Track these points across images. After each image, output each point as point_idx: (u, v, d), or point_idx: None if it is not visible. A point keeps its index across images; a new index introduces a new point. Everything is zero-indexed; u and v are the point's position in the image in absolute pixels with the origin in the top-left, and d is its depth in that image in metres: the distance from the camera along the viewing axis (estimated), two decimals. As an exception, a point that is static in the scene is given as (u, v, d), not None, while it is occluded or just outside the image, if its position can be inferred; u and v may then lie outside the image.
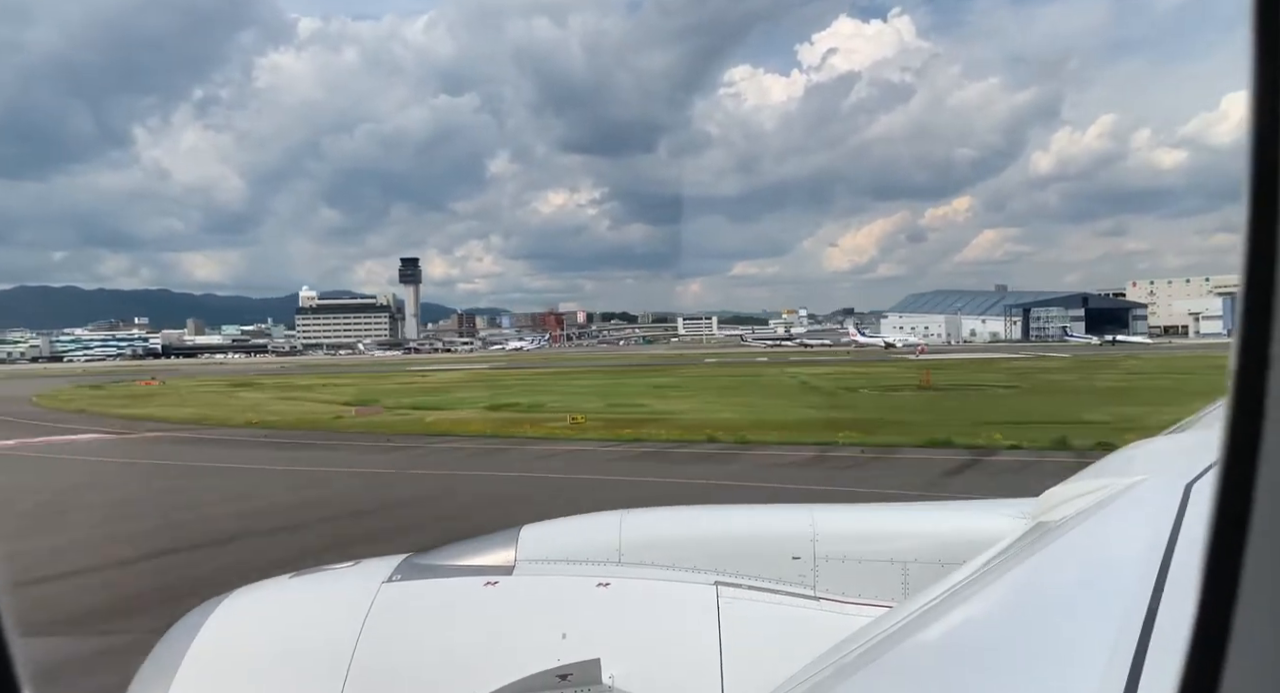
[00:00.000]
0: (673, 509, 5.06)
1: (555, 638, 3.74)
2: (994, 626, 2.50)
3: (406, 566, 4.43)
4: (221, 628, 4.06)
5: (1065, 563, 2.99)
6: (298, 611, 4.37)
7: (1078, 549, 3.08)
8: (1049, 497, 3.99)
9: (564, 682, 3.45)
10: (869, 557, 4.27)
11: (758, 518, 4.88)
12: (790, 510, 4.70)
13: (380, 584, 4.21)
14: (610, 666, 3.52)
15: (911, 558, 4.20)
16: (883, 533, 4.47)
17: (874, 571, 4.23)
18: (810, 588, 4.23)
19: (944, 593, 2.87)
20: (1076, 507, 3.56)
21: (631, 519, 4.64)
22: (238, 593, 4.40)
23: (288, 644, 4.05)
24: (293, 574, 4.74)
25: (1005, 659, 2.08)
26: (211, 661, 3.88)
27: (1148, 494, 3.29)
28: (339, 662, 3.74)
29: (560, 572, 4.35)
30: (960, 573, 3.16)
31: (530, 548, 4.49)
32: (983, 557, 3.32)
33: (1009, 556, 3.16)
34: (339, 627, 3.93)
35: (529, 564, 4.39)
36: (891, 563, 4.22)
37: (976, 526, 4.18)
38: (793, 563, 4.28)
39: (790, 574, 4.27)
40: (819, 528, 4.38)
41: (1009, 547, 3.35)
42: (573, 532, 4.70)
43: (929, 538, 4.30)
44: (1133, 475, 3.66)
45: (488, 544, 4.59)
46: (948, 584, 2.99)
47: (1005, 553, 3.23)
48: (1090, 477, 3.98)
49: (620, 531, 4.50)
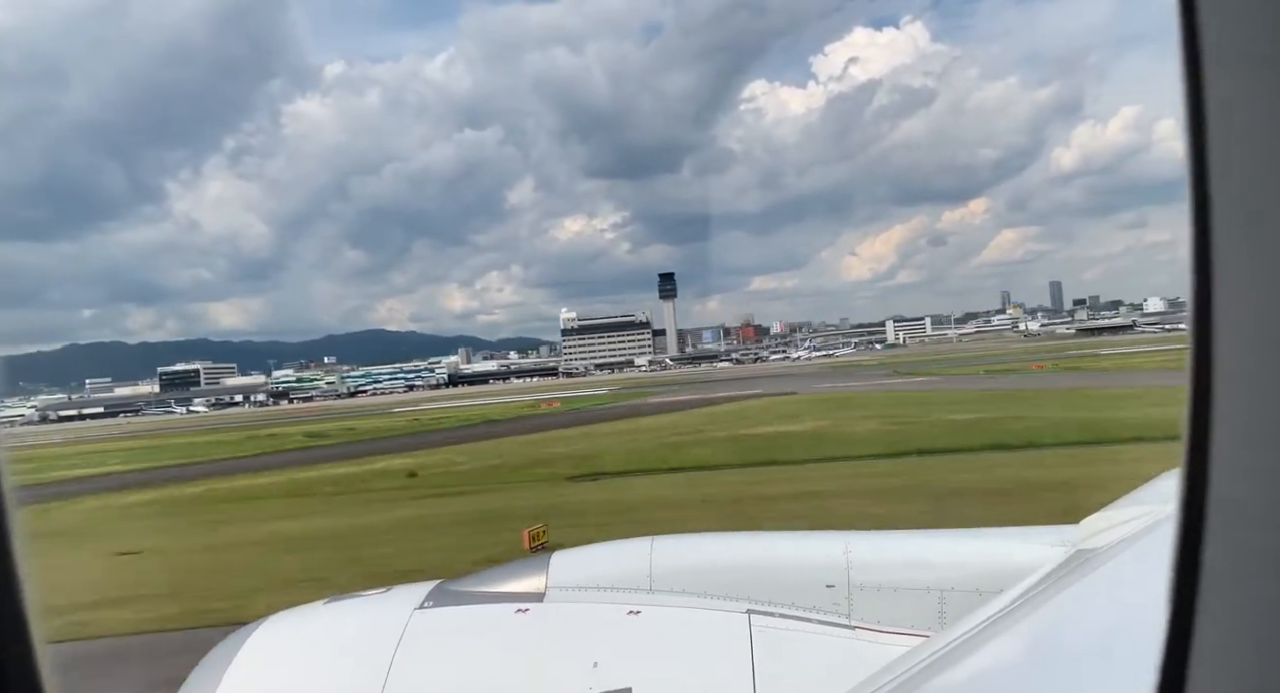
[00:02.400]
0: (704, 536, 4.96)
1: (586, 666, 3.70)
2: (1034, 658, 2.45)
3: (438, 592, 4.43)
4: (257, 654, 4.08)
5: (1106, 593, 2.91)
6: (332, 637, 4.39)
7: (1118, 578, 2.98)
8: (1089, 524, 3.87)
9: None
10: (904, 585, 4.14)
11: (790, 545, 4.73)
12: (823, 538, 4.58)
13: (412, 611, 4.22)
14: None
15: (949, 587, 4.05)
16: (919, 561, 4.31)
17: (910, 599, 4.09)
18: (845, 617, 4.13)
19: (982, 623, 2.84)
20: (1117, 534, 3.45)
21: (662, 546, 4.57)
22: (273, 619, 4.44)
23: (322, 671, 4.08)
24: (327, 600, 4.76)
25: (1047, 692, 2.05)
26: (247, 687, 3.88)
27: None
28: (372, 689, 3.72)
29: (591, 599, 4.30)
30: (999, 602, 3.08)
31: (561, 575, 4.44)
32: (1022, 585, 3.23)
33: (1048, 585, 3.09)
34: (372, 653, 3.93)
35: (560, 591, 4.35)
36: (928, 592, 4.07)
37: (1015, 553, 4.02)
38: (826, 591, 4.17)
39: (824, 603, 4.17)
40: (853, 556, 4.26)
41: (1048, 575, 3.25)
42: (603, 558, 4.69)
43: (967, 567, 4.12)
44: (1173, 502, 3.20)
45: (518, 571, 4.58)
46: (986, 614, 2.95)
47: (1045, 582, 3.16)
48: (1131, 503, 3.87)
49: (651, 558, 4.44)
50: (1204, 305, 1.00)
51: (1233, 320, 0.99)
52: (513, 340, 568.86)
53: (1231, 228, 0.97)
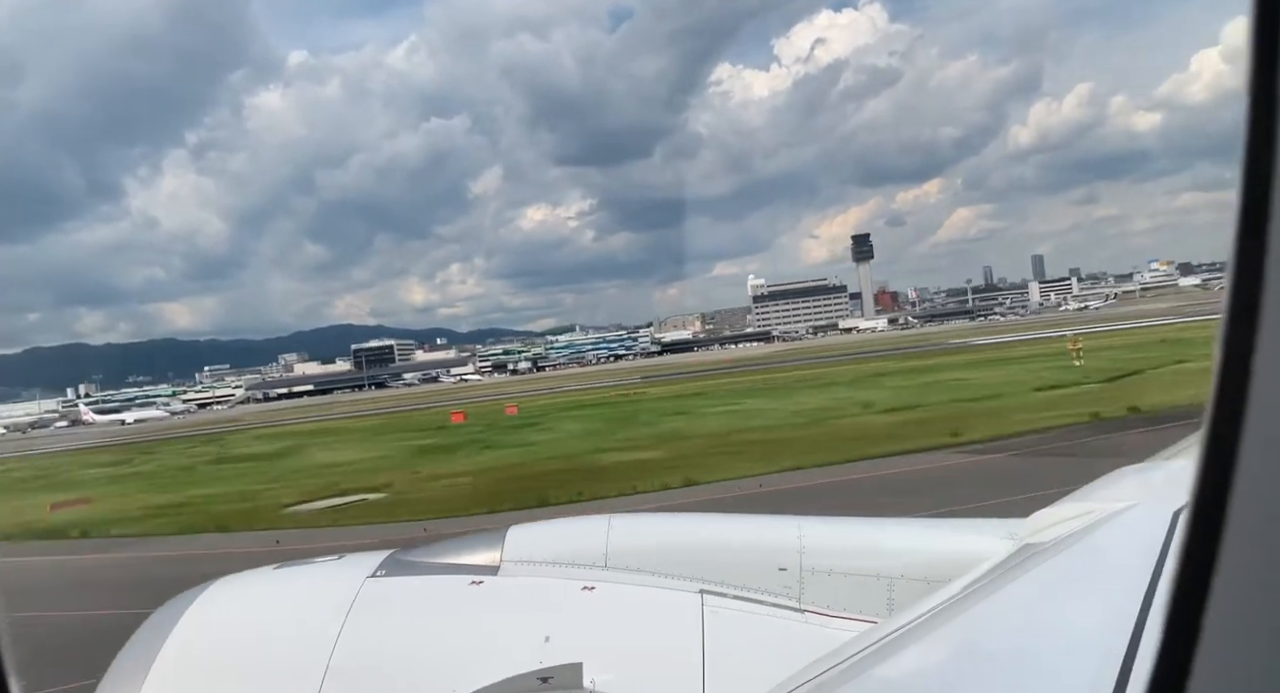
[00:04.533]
0: (661, 516, 5.15)
1: (538, 640, 3.71)
2: (977, 649, 2.53)
3: (391, 561, 4.39)
4: (201, 618, 4.00)
5: (1050, 588, 2.99)
6: (279, 603, 4.32)
7: (1063, 574, 3.08)
8: (1037, 519, 3.92)
9: (545, 685, 3.44)
10: (855, 571, 4.18)
11: (745, 528, 4.78)
12: (778, 522, 4.59)
13: (365, 579, 4.18)
14: (592, 670, 3.49)
15: (898, 574, 4.10)
16: (870, 548, 4.37)
17: (859, 585, 4.14)
18: (795, 600, 4.16)
19: (928, 612, 2.91)
20: (1064, 530, 3.50)
21: (619, 524, 4.56)
22: (220, 583, 4.36)
23: (268, 636, 4.00)
24: (277, 566, 4.66)
25: (987, 684, 2.10)
26: (189, 650, 3.82)
27: (1136, 521, 3.23)
28: (319, 656, 3.69)
29: (546, 574, 4.29)
30: (945, 592, 3.17)
31: (516, 548, 4.42)
32: (968, 577, 3.32)
33: (995, 577, 3.16)
34: (321, 621, 3.88)
35: (514, 565, 4.33)
36: (878, 578, 4.12)
37: (964, 544, 4.09)
38: (779, 574, 4.20)
39: (776, 586, 4.19)
40: (806, 540, 4.28)
41: (994, 568, 3.33)
42: (560, 534, 4.66)
43: (916, 555, 4.19)
44: (1122, 500, 3.56)
45: (474, 543, 4.54)
46: (932, 603, 3.03)
47: (991, 574, 3.23)
48: (1079, 500, 3.91)
49: (608, 535, 4.43)
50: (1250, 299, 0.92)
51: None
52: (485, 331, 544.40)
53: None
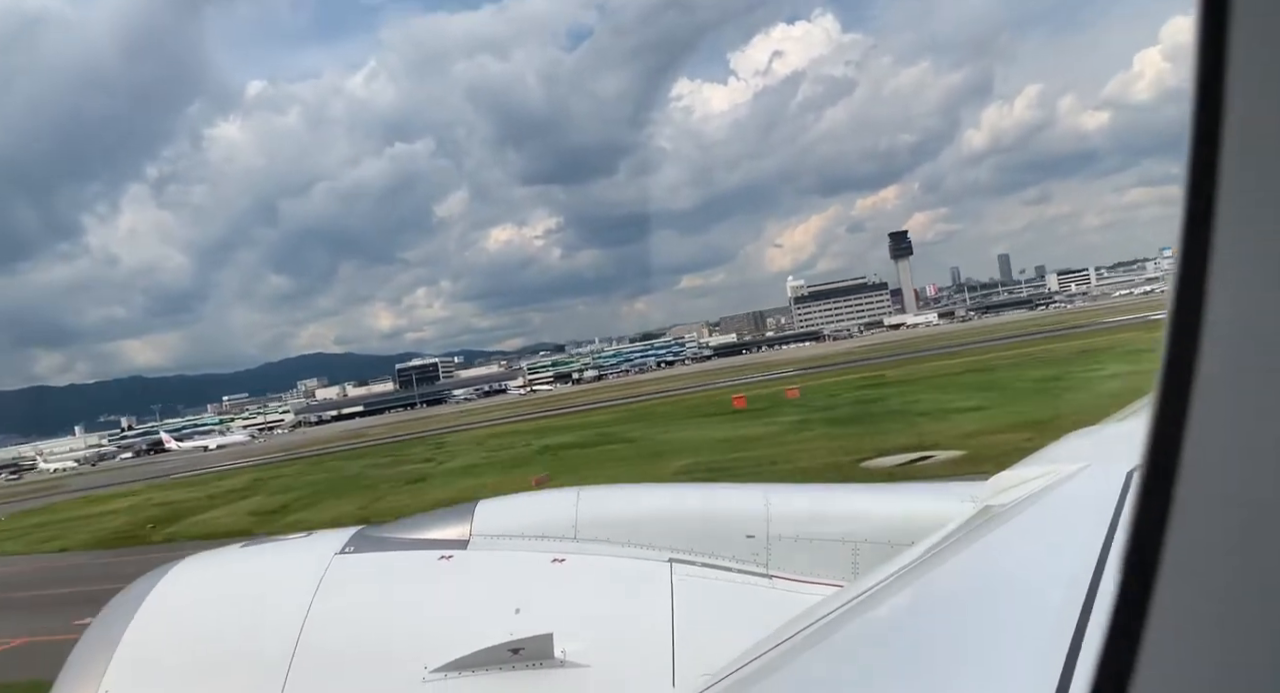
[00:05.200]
0: (629, 487, 5.07)
1: (508, 612, 3.71)
2: (939, 608, 2.61)
3: (360, 538, 4.37)
4: (168, 597, 3.97)
5: (1009, 548, 3.08)
6: (247, 580, 4.28)
7: (1021, 534, 3.16)
8: (997, 481, 4.00)
9: (516, 656, 3.47)
10: (821, 537, 4.24)
11: (713, 497, 4.83)
12: (745, 490, 4.67)
13: (333, 556, 4.15)
14: (563, 640, 3.53)
15: (862, 539, 4.16)
16: (835, 514, 4.40)
17: (825, 550, 4.19)
18: (763, 567, 4.20)
19: (893, 574, 3.00)
20: (1023, 492, 3.61)
21: (588, 496, 4.58)
22: (187, 562, 4.32)
23: (236, 614, 3.97)
24: (244, 543, 4.72)
25: (949, 641, 2.20)
26: (156, 629, 3.80)
27: (1091, 481, 3.35)
28: (288, 633, 3.67)
29: (515, 547, 4.29)
30: (909, 555, 3.26)
31: (485, 523, 4.41)
32: (930, 539, 3.40)
33: (956, 539, 3.23)
34: (289, 598, 3.86)
35: (484, 539, 4.32)
36: (843, 543, 4.18)
37: (926, 508, 4.18)
38: (746, 542, 4.24)
39: (744, 553, 4.23)
40: (773, 508, 4.33)
41: (956, 530, 3.39)
42: (529, 508, 4.67)
43: (879, 519, 4.25)
44: (1078, 462, 3.68)
45: (443, 518, 4.53)
46: (896, 566, 3.13)
47: (952, 536, 3.30)
48: (1037, 463, 4.01)
49: (576, 507, 4.45)
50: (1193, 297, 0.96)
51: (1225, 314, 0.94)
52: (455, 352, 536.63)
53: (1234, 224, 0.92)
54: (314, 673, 3.57)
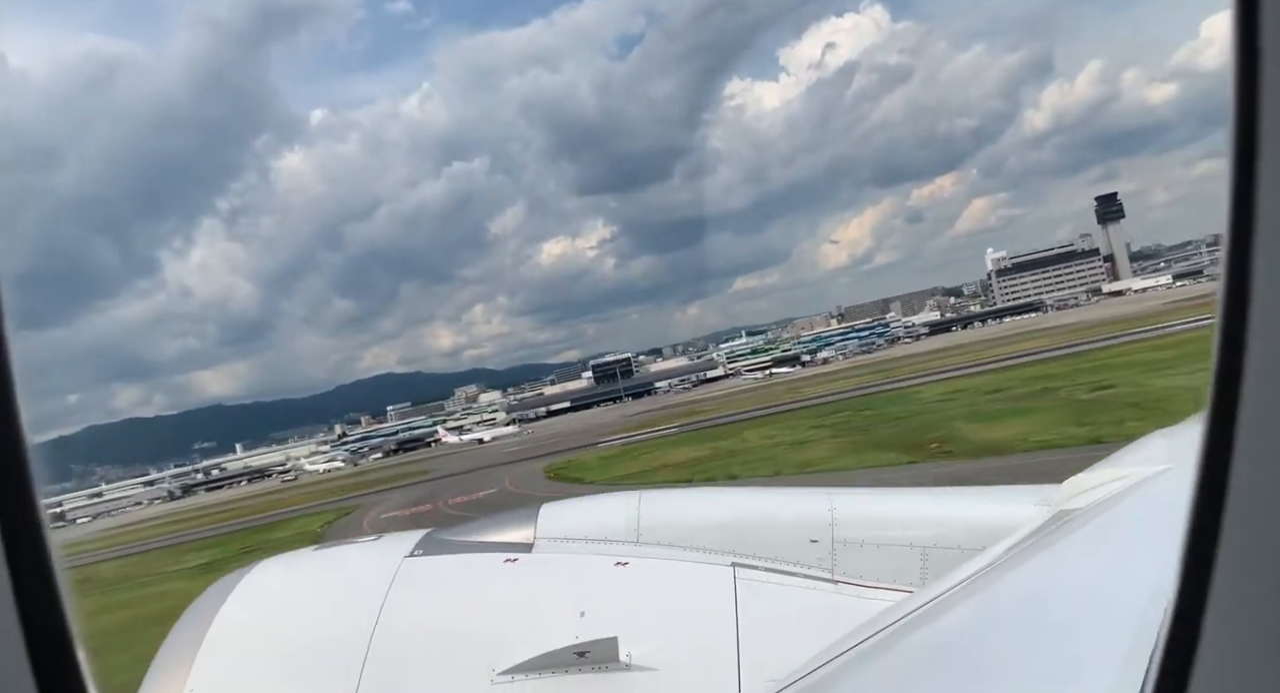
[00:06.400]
0: (691, 490, 5.03)
1: (573, 616, 3.76)
2: (1012, 616, 2.54)
3: (428, 541, 4.48)
4: (246, 600, 4.11)
5: (1085, 554, 3.00)
6: (321, 583, 4.42)
7: (1098, 540, 3.08)
8: (1071, 485, 3.91)
9: (581, 659, 3.52)
10: (888, 541, 4.17)
11: (775, 501, 4.79)
12: (808, 494, 4.58)
13: (402, 559, 4.25)
14: (627, 644, 3.56)
15: (931, 544, 4.09)
16: (902, 518, 4.37)
17: (892, 555, 4.13)
18: (828, 572, 4.16)
19: (964, 580, 2.91)
20: (1098, 495, 3.51)
21: (650, 499, 4.61)
22: (262, 565, 4.45)
23: (311, 616, 4.12)
24: (317, 547, 4.91)
25: (1023, 651, 2.14)
26: (236, 632, 3.93)
27: (1169, 485, 3.20)
28: (361, 634, 3.77)
29: (579, 550, 4.34)
30: (980, 560, 3.18)
31: (549, 526, 4.48)
32: (1003, 544, 3.33)
33: (1029, 544, 3.16)
34: (361, 600, 3.97)
35: (548, 543, 4.40)
36: (911, 548, 4.12)
37: (998, 512, 4.09)
38: (810, 546, 4.21)
39: (808, 557, 4.20)
40: (838, 512, 4.29)
41: (1029, 535, 3.33)
42: (591, 511, 4.70)
43: (950, 524, 4.17)
44: (1155, 465, 3.57)
45: (508, 521, 4.63)
46: (967, 571, 3.04)
47: (1026, 541, 3.23)
48: (1112, 465, 3.90)
49: (639, 511, 4.47)
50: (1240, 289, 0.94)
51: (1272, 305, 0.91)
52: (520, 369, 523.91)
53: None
54: (386, 675, 3.65)
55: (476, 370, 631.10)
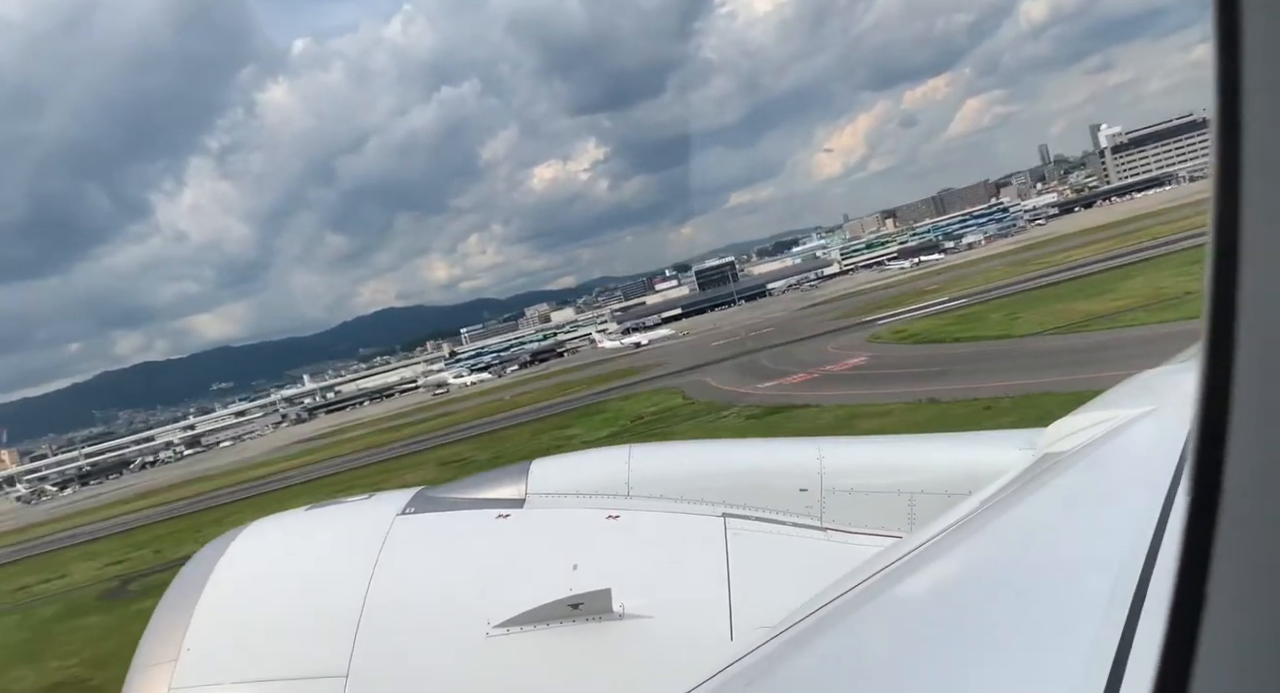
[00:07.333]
0: (681, 443, 4.67)
1: (566, 569, 3.81)
2: (999, 559, 2.57)
3: (420, 498, 4.50)
4: (240, 559, 4.16)
5: (1070, 497, 3.03)
6: (314, 542, 4.46)
7: (1083, 483, 3.10)
8: (1057, 428, 3.93)
9: (575, 611, 3.58)
10: (875, 489, 4.25)
11: (765, 451, 4.99)
12: (797, 444, 4.66)
13: (395, 516, 4.30)
14: (621, 595, 3.61)
15: (918, 490, 4.14)
16: (889, 465, 4.45)
17: (880, 502, 4.20)
18: (817, 519, 4.22)
19: (950, 525, 2.96)
20: (1084, 438, 3.51)
21: (640, 453, 4.67)
22: (255, 525, 4.51)
23: (305, 575, 4.15)
24: (309, 507, 4.83)
25: (1010, 593, 2.17)
26: (232, 591, 3.98)
27: (1154, 426, 3.25)
28: (355, 593, 3.80)
29: (570, 505, 4.39)
30: (966, 505, 3.22)
31: (540, 482, 4.52)
32: (989, 489, 3.35)
33: (1015, 488, 3.20)
34: (355, 559, 4.00)
35: (539, 498, 4.44)
36: (898, 495, 4.18)
37: (983, 457, 4.13)
38: (799, 495, 4.27)
39: (797, 506, 4.25)
40: (826, 461, 4.35)
41: (1015, 479, 3.37)
42: (582, 466, 4.76)
43: (936, 470, 4.23)
44: (1141, 406, 3.59)
45: (499, 478, 4.64)
46: (954, 516, 3.08)
47: (1011, 485, 3.27)
48: (1098, 408, 3.91)
49: (629, 464, 4.51)
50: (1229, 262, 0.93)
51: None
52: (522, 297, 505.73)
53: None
54: (381, 632, 3.69)
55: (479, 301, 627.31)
